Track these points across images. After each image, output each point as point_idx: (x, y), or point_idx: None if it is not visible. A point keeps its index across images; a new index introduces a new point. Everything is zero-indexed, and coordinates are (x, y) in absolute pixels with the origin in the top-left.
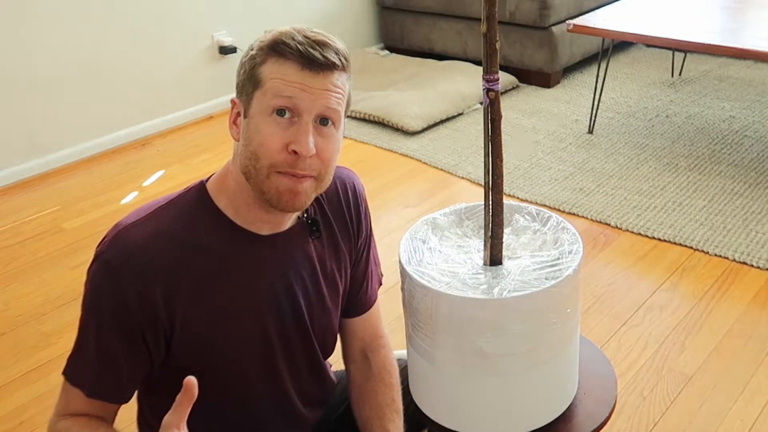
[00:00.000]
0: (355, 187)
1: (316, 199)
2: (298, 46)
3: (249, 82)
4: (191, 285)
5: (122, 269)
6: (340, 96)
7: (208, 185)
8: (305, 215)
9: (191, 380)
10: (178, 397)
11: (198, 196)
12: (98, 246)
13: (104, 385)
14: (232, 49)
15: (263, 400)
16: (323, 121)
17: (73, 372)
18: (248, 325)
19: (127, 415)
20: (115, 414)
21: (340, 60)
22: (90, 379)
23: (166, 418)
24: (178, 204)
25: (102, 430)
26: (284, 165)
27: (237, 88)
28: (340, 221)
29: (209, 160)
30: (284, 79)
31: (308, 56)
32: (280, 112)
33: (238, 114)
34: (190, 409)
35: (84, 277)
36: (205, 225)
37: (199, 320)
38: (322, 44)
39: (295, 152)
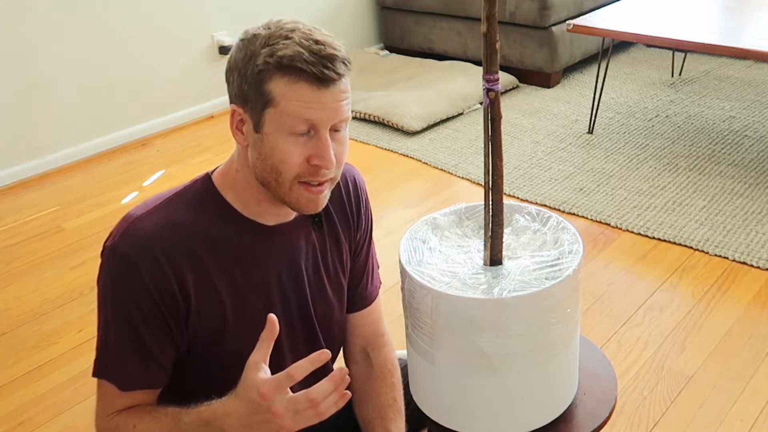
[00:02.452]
0: (355, 179)
1: None
2: (311, 67)
3: (256, 98)
4: (201, 273)
5: (138, 260)
6: (348, 100)
7: (214, 178)
8: None
9: (273, 317)
10: (261, 334)
11: (205, 188)
12: (108, 239)
13: (136, 377)
14: None
15: None
16: (336, 127)
17: (104, 369)
18: (256, 313)
19: None
20: (157, 396)
21: (347, 68)
22: (122, 374)
23: (252, 357)
24: (186, 195)
25: (148, 416)
26: (306, 175)
27: (236, 95)
28: (340, 213)
29: (209, 160)
30: (300, 100)
31: (322, 76)
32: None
33: (242, 122)
34: (272, 346)
35: (84, 277)
36: (214, 215)
37: (209, 308)
38: (331, 58)
39: (316, 164)
